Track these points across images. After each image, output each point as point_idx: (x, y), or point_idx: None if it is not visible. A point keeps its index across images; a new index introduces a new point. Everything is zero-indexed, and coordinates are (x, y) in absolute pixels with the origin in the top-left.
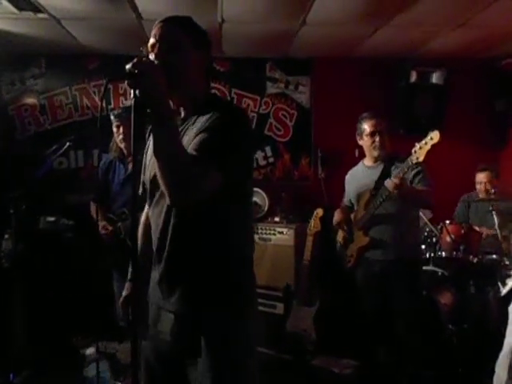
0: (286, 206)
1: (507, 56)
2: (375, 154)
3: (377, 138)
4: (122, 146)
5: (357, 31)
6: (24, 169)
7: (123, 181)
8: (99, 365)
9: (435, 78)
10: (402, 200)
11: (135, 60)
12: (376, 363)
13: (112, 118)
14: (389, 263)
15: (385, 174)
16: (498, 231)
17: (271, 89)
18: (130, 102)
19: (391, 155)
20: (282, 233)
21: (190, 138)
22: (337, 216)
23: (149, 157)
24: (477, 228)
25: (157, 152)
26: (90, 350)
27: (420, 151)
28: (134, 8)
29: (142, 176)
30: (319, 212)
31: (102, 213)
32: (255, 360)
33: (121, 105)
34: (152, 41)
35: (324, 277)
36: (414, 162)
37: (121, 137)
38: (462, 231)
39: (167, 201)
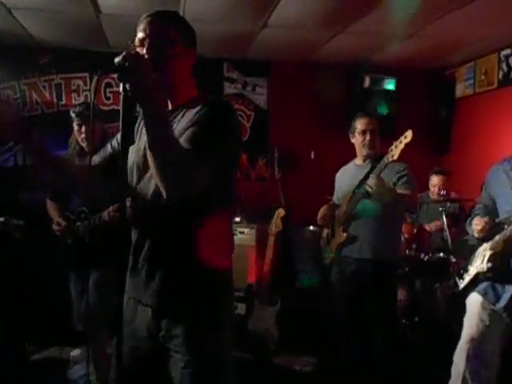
0: (247, 206)
1: (450, 66)
2: (365, 152)
3: (367, 137)
4: (84, 144)
5: (315, 36)
6: None
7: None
8: (85, 367)
9: (387, 84)
10: (379, 199)
11: (125, 53)
12: (336, 360)
13: (73, 115)
14: (364, 262)
15: (370, 173)
16: (447, 231)
17: (229, 89)
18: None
19: (381, 156)
20: (243, 233)
21: (179, 131)
22: (320, 212)
23: (136, 146)
24: (426, 227)
25: (150, 146)
26: (76, 352)
27: (395, 150)
28: (93, 1)
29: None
30: (281, 212)
31: (58, 212)
32: (231, 355)
33: (73, 101)
34: (141, 35)
35: (285, 276)
36: (390, 160)
37: (83, 136)
38: (415, 231)
39: (163, 194)
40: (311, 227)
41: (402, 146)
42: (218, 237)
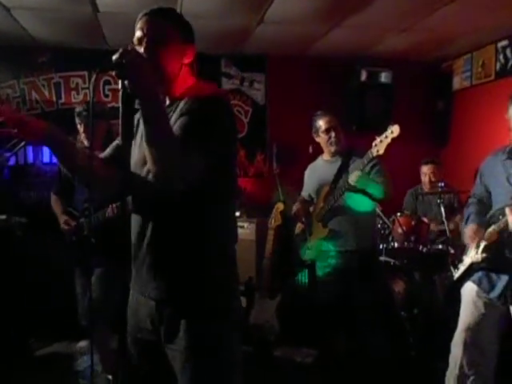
0: (246, 201)
1: (447, 59)
2: (332, 149)
3: (332, 134)
4: (86, 142)
5: (311, 31)
6: None
7: None
8: (90, 357)
9: (383, 77)
10: (364, 192)
11: (122, 50)
12: (335, 351)
13: (75, 115)
14: (348, 253)
15: (343, 168)
16: (445, 222)
17: (226, 85)
18: (121, 93)
19: (348, 149)
20: (242, 227)
21: (173, 121)
22: (295, 208)
23: (135, 143)
24: (425, 219)
25: (148, 140)
26: (82, 343)
27: (380, 144)
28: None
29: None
30: (280, 206)
31: (61, 208)
32: (237, 350)
33: (73, 100)
34: (139, 34)
35: (285, 269)
36: (375, 154)
37: (83, 135)
38: (412, 223)
39: (157, 184)
40: None
41: (388, 140)
42: (220, 228)
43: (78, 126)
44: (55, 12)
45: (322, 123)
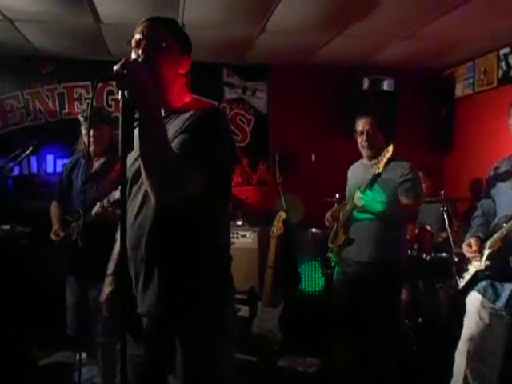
0: (248, 210)
1: (449, 66)
2: (363, 152)
3: (364, 137)
4: (91, 148)
5: (313, 40)
6: None
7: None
8: (91, 369)
9: (386, 85)
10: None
11: (123, 61)
12: (339, 361)
13: (81, 120)
14: (363, 265)
15: (376, 174)
16: (448, 230)
17: (229, 94)
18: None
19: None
20: (245, 236)
21: (170, 137)
22: (328, 213)
23: (131, 155)
24: (428, 227)
25: (144, 152)
26: (82, 355)
27: (379, 164)
28: (94, 11)
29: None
30: (282, 215)
31: (58, 215)
32: (232, 361)
33: (76, 110)
34: (138, 37)
35: (288, 278)
36: (376, 172)
37: (92, 139)
38: (416, 231)
39: (152, 200)
40: (313, 229)
41: (385, 159)
42: (216, 240)
43: (84, 131)
44: (58, 24)
45: (357, 125)
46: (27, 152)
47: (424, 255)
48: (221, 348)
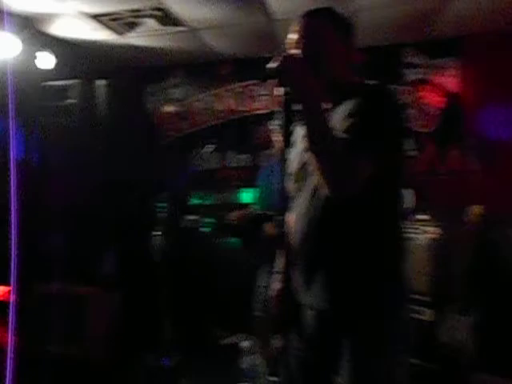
0: (434, 203)
1: None
2: None
3: None
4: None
5: None
6: (167, 172)
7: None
8: (254, 358)
9: None
10: None
11: (280, 57)
12: None
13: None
14: None
15: None
16: None
17: (411, 75)
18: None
19: None
20: (428, 232)
21: (335, 123)
22: None
23: (294, 151)
24: None
25: (312, 145)
26: (246, 343)
27: None
28: (266, 9)
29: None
30: (477, 210)
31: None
32: (404, 365)
33: (252, 107)
34: (296, 36)
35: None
36: None
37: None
38: None
39: (322, 192)
40: None
41: None
42: (386, 240)
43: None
44: (234, 26)
45: None
46: (210, 150)
47: None
48: (391, 350)
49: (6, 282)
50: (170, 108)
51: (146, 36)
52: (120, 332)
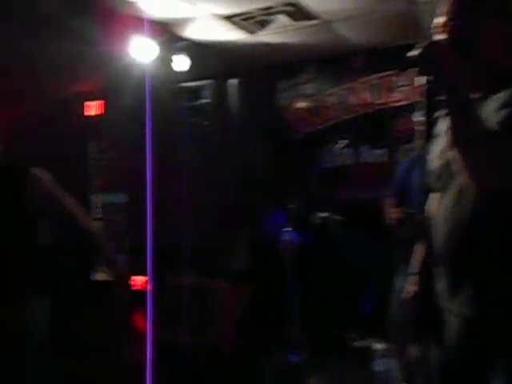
0: None
1: None
2: None
3: None
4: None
5: None
6: (301, 168)
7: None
8: (389, 362)
9: None
10: None
11: (425, 44)
12: None
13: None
14: None
15: None
16: None
17: None
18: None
19: None
20: None
21: (489, 114)
22: None
23: (436, 146)
24: None
25: (458, 139)
26: (379, 346)
27: None
28: None
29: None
30: None
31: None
32: None
33: (389, 99)
34: (442, 18)
35: None
36: None
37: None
38: None
39: (471, 190)
40: None
41: None
42: None
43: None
44: (372, 14)
45: None
46: (343, 145)
47: None
48: None
49: (142, 273)
50: (301, 104)
51: (277, 33)
52: (249, 327)
